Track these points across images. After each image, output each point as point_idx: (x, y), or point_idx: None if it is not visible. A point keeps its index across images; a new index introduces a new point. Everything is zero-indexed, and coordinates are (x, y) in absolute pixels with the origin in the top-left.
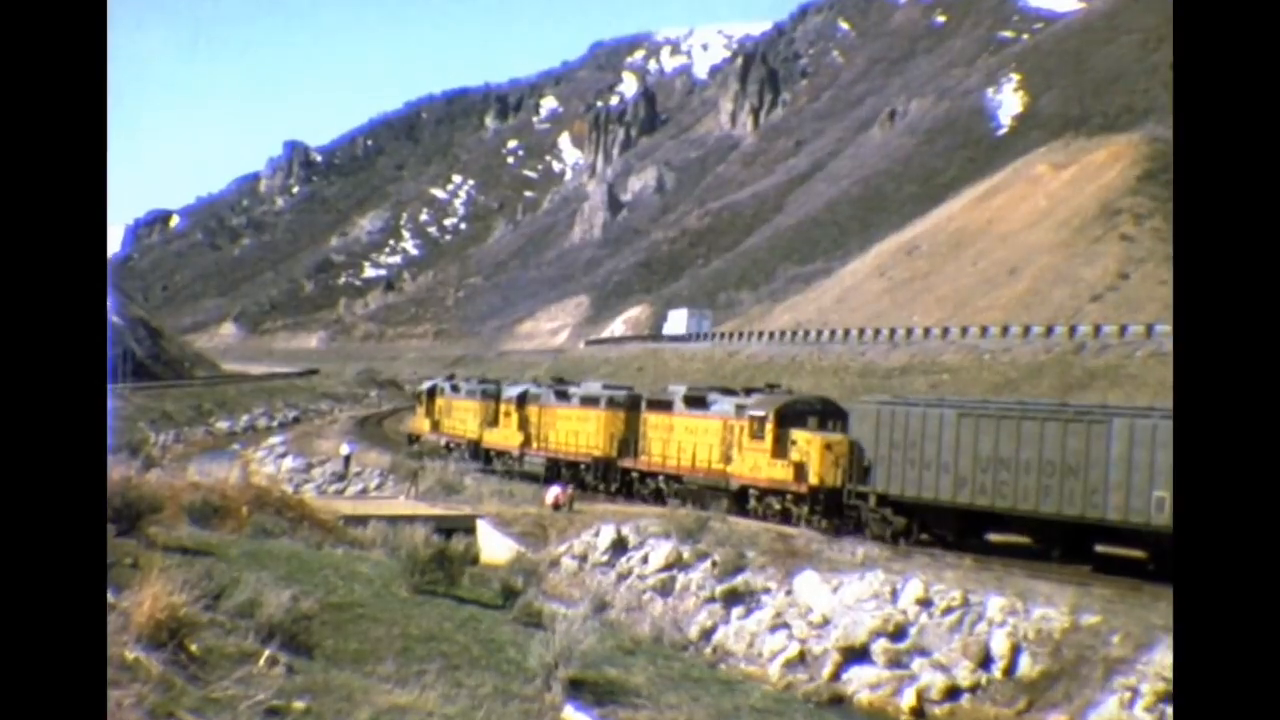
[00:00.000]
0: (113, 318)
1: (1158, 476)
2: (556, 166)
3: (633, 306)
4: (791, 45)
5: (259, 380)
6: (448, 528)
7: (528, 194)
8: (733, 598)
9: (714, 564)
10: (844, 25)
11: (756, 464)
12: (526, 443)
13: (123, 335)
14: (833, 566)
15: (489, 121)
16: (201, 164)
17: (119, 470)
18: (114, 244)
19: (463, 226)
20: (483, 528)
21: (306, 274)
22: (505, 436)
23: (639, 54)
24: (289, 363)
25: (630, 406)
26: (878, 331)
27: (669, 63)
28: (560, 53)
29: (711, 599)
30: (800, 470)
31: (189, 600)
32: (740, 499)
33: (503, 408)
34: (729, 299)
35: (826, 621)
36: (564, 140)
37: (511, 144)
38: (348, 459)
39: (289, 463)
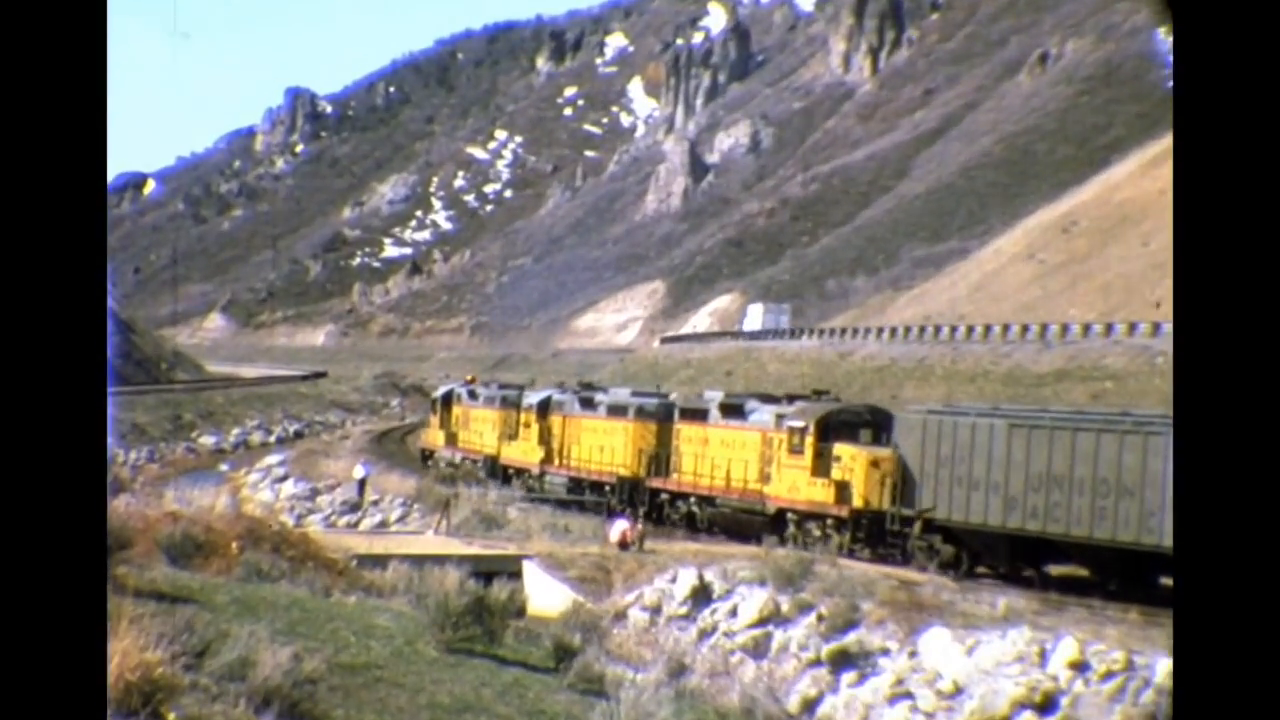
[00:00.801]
0: None
1: None
2: (625, 120)
3: (720, 296)
4: None
5: (253, 385)
6: (487, 571)
7: (589, 154)
8: (843, 660)
9: (820, 618)
10: None
11: (795, 483)
12: (548, 459)
13: None
14: (967, 621)
15: (541, 63)
16: (183, 116)
17: None
18: None
19: (507, 195)
20: (531, 571)
21: (312, 253)
22: (524, 451)
23: None
24: (290, 364)
25: (663, 417)
26: (1025, 328)
27: None
28: None
29: (816, 661)
30: (842, 490)
31: (166, 658)
32: (778, 525)
33: (522, 418)
34: (841, 286)
35: (959, 690)
36: (634, 87)
37: (569, 91)
38: (362, 484)
39: (290, 488)
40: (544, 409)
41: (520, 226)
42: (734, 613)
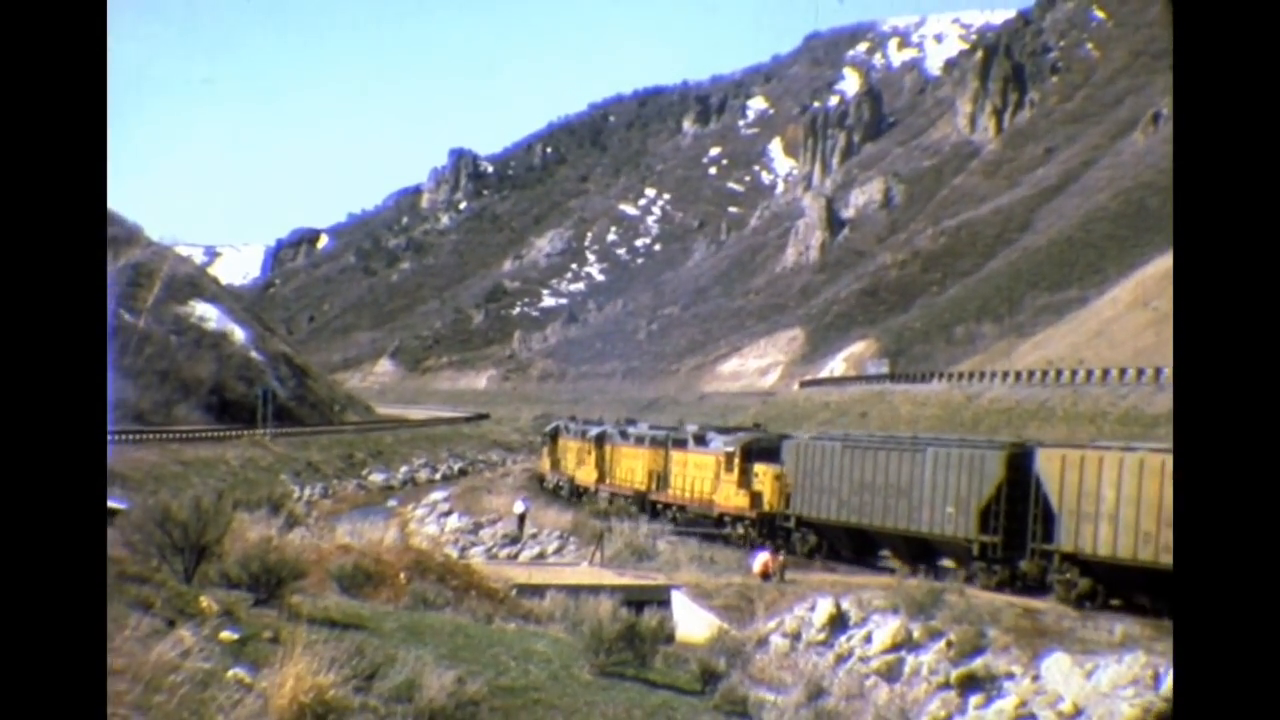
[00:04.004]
0: (251, 352)
1: (949, 495)
2: (766, 178)
3: (855, 342)
4: (1039, 36)
5: (419, 426)
6: (638, 599)
7: (732, 210)
8: (970, 683)
9: (949, 644)
10: (1099, 14)
11: (728, 494)
12: (600, 479)
13: (262, 373)
14: (1086, 647)
15: (687, 125)
16: (353, 176)
17: (257, 530)
18: (253, 268)
19: (656, 248)
20: (678, 600)
21: (475, 303)
22: (586, 474)
23: (861, 46)
24: (454, 406)
25: (667, 445)
26: (1140, 372)
27: (896, 57)
28: (770, 45)
29: (945, 684)
30: (756, 498)
31: (337, 681)
32: (720, 525)
33: (585, 446)
34: (968, 332)
35: (1079, 711)
36: (774, 147)
37: (713, 151)
38: (522, 518)
39: (453, 522)
40: (600, 440)
41: (668, 277)
42: (868, 639)
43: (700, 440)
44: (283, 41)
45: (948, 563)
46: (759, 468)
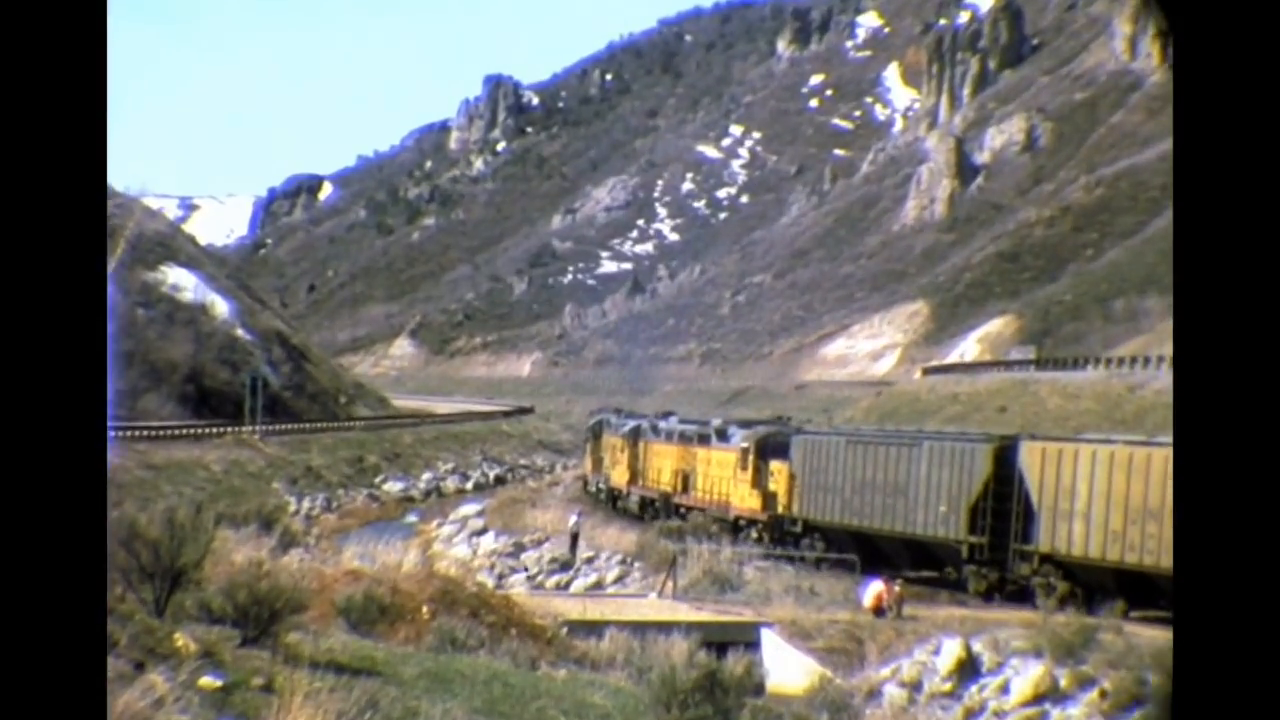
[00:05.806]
0: (236, 330)
1: (943, 493)
2: (880, 113)
3: (991, 318)
4: None
5: (447, 422)
6: (720, 640)
7: (838, 153)
8: None
9: (1103, 693)
10: None
11: (743, 494)
12: (632, 479)
13: (250, 356)
14: None
15: (781, 47)
16: (364, 110)
17: (245, 551)
18: (239, 224)
19: (743, 200)
20: (770, 640)
21: (516, 269)
22: (619, 474)
23: None
24: (490, 397)
25: (693, 441)
26: None
27: None
28: None
29: None
30: (770, 499)
31: None
32: (736, 530)
33: (620, 443)
34: (1130, 307)
35: None
36: (890, 75)
37: (815, 80)
38: (574, 537)
39: (489, 542)
40: (634, 436)
41: (758, 237)
42: (1005, 688)
43: (722, 435)
44: None
45: (950, 570)
46: (775, 465)
